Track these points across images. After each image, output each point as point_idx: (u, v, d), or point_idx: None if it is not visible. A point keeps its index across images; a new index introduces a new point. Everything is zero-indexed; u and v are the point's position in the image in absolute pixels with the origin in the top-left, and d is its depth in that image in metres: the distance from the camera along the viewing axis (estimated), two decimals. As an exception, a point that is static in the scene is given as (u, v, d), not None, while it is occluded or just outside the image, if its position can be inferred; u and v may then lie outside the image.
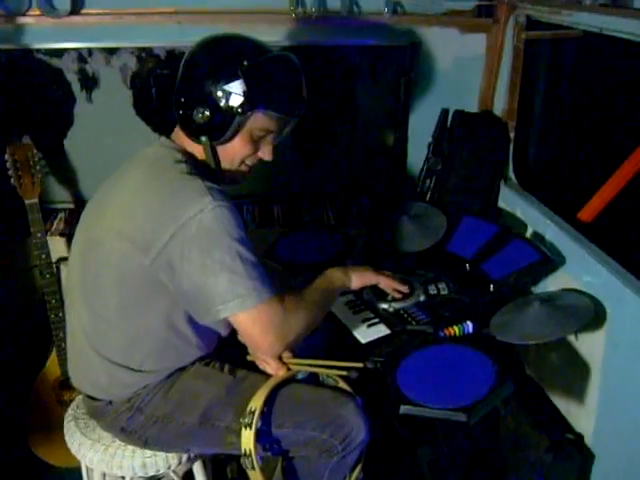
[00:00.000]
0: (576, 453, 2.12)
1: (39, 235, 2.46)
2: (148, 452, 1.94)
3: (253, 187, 2.94)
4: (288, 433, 1.84)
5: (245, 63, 1.69)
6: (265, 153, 1.84)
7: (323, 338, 2.18)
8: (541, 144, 2.93)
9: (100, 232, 1.75)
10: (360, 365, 1.88)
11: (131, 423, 1.87)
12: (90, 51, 2.64)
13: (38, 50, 2.59)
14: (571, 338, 2.18)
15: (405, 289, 2.11)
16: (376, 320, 2.08)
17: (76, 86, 2.71)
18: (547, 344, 2.15)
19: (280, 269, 2.33)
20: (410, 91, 2.79)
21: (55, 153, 2.79)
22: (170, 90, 1.82)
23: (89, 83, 2.71)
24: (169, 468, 1.97)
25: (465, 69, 2.75)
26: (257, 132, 1.77)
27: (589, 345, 2.13)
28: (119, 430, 1.90)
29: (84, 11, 2.46)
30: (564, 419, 2.27)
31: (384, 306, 2.12)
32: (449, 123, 2.80)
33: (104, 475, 2.01)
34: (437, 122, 2.79)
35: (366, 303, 2.16)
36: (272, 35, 2.56)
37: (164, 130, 1.92)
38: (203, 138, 1.76)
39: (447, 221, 2.47)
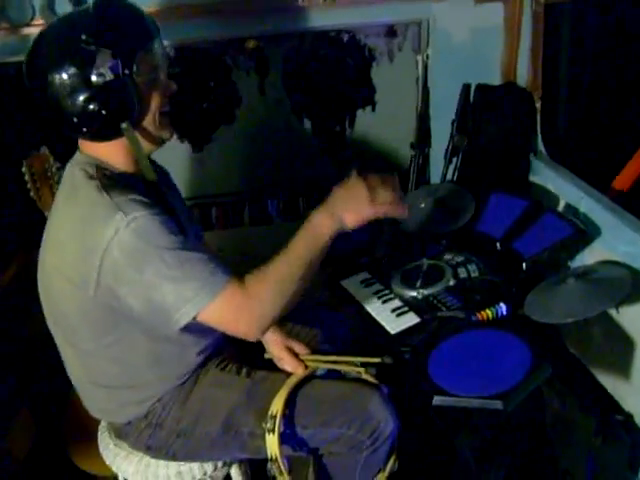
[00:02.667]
0: (626, 434, 2.04)
1: (61, 246, 2.44)
2: (182, 462, 1.91)
3: (276, 180, 2.92)
4: (314, 433, 1.79)
5: (84, 37, 1.49)
6: (168, 87, 1.65)
7: (349, 329, 2.13)
8: (570, 113, 2.85)
9: (46, 269, 1.68)
10: (377, 360, 1.83)
11: (154, 441, 1.84)
12: (98, 57, 2.61)
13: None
14: (612, 312, 2.10)
15: (397, 196, 1.68)
16: (405, 308, 2.03)
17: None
18: (588, 321, 2.08)
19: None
20: (428, 68, 2.72)
21: (73, 162, 2.77)
22: (186, 89, 1.70)
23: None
24: (205, 475, 1.93)
25: (483, 41, 2.65)
26: (148, 77, 1.58)
27: (632, 318, 2.05)
28: (145, 449, 1.88)
29: (88, 16, 2.42)
30: (611, 398, 2.19)
31: (413, 293, 2.07)
32: (472, 98, 2.71)
33: (141, 485, 1.98)
34: (459, 98, 2.71)
35: (395, 291, 2.10)
36: (281, 23, 2.51)
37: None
38: (123, 125, 1.56)
39: (475, 200, 2.39)
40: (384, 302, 2.09)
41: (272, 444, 1.72)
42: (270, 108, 2.81)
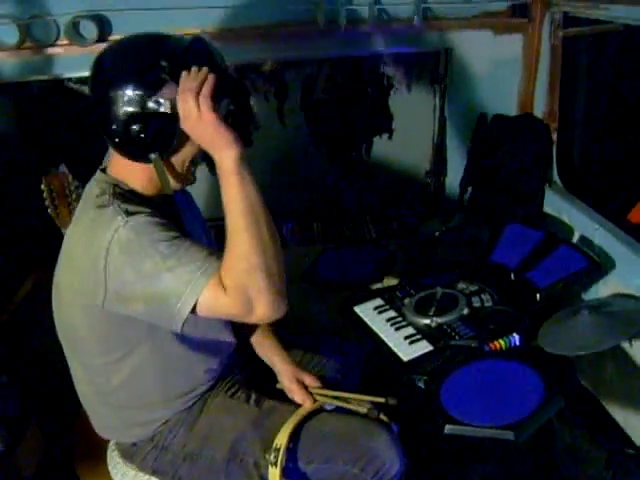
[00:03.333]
0: (637, 468, 2.02)
1: (78, 264, 2.46)
2: (190, 484, 1.90)
3: (291, 204, 2.94)
4: (318, 468, 1.76)
5: (163, 64, 1.52)
6: None
7: (362, 354, 2.12)
8: (586, 145, 2.85)
9: (59, 286, 1.68)
10: (382, 400, 1.79)
11: (160, 464, 1.83)
12: (120, 77, 2.65)
13: (69, 79, 2.61)
14: (626, 346, 2.09)
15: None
16: (418, 336, 2.03)
17: (109, 113, 2.72)
18: (601, 354, 2.06)
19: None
20: (446, 97, 2.73)
21: (92, 180, 2.80)
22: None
23: (121, 109, 2.72)
24: (211, 498, 1.92)
25: (502, 72, 2.68)
26: None
27: (645, 353, 2.04)
28: (152, 472, 1.86)
29: (111, 38, 2.45)
30: (623, 432, 2.18)
31: (426, 321, 2.07)
32: (488, 128, 2.72)
33: (148, 504, 1.98)
34: (476, 128, 2.72)
35: (408, 319, 2.10)
36: (301, 49, 2.54)
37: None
38: (152, 156, 1.59)
39: (490, 230, 2.40)
40: (397, 329, 2.08)
41: (274, 477, 1.70)
42: (288, 133, 2.83)
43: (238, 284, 1.45)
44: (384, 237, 2.78)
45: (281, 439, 1.72)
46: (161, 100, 1.52)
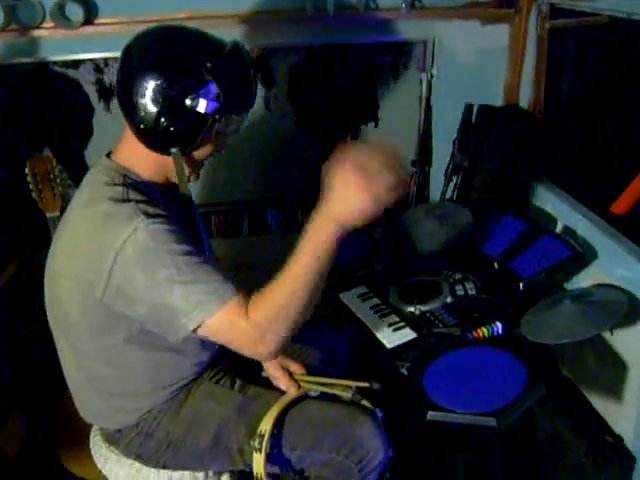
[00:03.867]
0: (615, 456, 2.05)
1: (61, 248, 2.45)
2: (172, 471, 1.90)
3: (276, 191, 2.93)
4: (302, 455, 1.77)
5: (208, 64, 1.54)
6: (222, 147, 1.71)
7: (347, 343, 2.14)
8: (571, 136, 2.86)
9: (54, 269, 1.67)
10: (366, 384, 1.80)
11: (144, 450, 1.83)
12: (106, 61, 2.65)
13: (54, 62, 2.60)
14: (607, 335, 2.12)
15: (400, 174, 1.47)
16: (402, 324, 2.04)
17: (94, 96, 2.73)
18: (582, 343, 2.08)
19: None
20: (432, 87, 2.74)
21: (76, 164, 2.79)
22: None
23: (106, 93, 2.72)
24: (196, 482, 1.93)
25: (488, 62, 2.68)
26: (223, 130, 1.65)
27: (626, 342, 2.07)
28: (135, 457, 1.86)
29: (97, 21, 2.45)
30: (603, 421, 2.20)
31: (410, 309, 2.08)
32: (474, 118, 2.73)
33: (130, 490, 1.98)
34: (462, 118, 2.74)
35: (392, 306, 2.11)
36: (288, 36, 2.55)
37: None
38: (174, 150, 1.61)
39: (474, 219, 2.41)
40: (381, 317, 2.09)
41: (258, 463, 1.70)
42: (274, 120, 2.82)
43: (264, 322, 1.48)
44: (368, 225, 2.77)
45: (266, 425, 1.72)
46: (200, 100, 1.54)
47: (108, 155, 1.70)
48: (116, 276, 1.51)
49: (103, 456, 1.97)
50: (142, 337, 1.67)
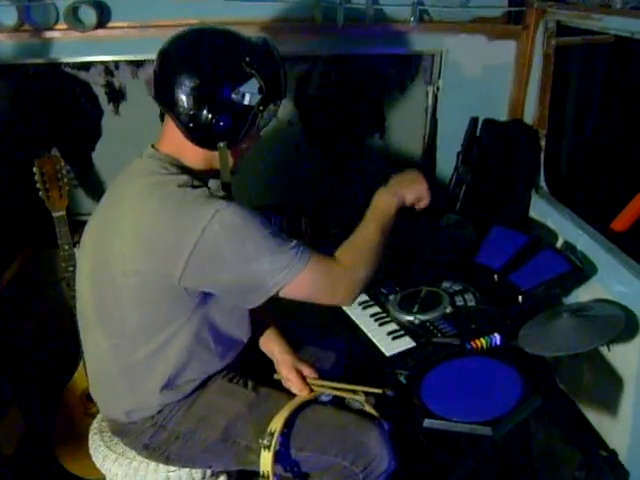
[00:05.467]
0: (609, 470, 2.06)
1: (67, 247, 2.48)
2: (172, 467, 1.92)
3: (281, 198, 2.95)
4: (308, 457, 1.80)
5: (247, 59, 1.65)
6: (259, 138, 1.84)
7: (346, 350, 2.15)
8: (573, 152, 2.88)
9: (109, 256, 1.70)
10: (379, 391, 1.85)
11: (154, 440, 1.86)
12: (117, 64, 2.68)
13: (66, 64, 2.64)
14: (604, 350, 2.12)
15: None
16: (401, 332, 2.05)
17: (103, 99, 2.76)
18: (579, 357, 2.10)
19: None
20: (438, 100, 2.77)
21: (83, 165, 2.82)
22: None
23: (116, 96, 2.75)
24: (193, 482, 1.94)
25: (494, 77, 2.71)
26: (264, 122, 1.77)
27: (622, 357, 2.08)
28: (142, 447, 1.88)
29: (110, 24, 2.48)
30: (597, 434, 2.21)
31: (409, 318, 2.09)
32: (478, 132, 2.76)
33: (128, 489, 1.99)
34: (466, 131, 2.76)
35: (392, 315, 2.12)
36: (297, 45, 2.57)
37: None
38: (221, 144, 1.71)
39: (476, 232, 2.43)
40: (381, 325, 2.10)
41: (266, 460, 1.73)
42: (281, 128, 2.84)
43: (353, 263, 1.78)
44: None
45: (276, 424, 1.76)
46: (244, 93, 1.65)
47: (153, 147, 1.78)
48: (198, 256, 1.59)
49: (102, 454, 1.98)
50: (186, 323, 1.73)
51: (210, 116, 1.65)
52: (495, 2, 2.64)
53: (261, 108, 1.69)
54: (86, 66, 2.68)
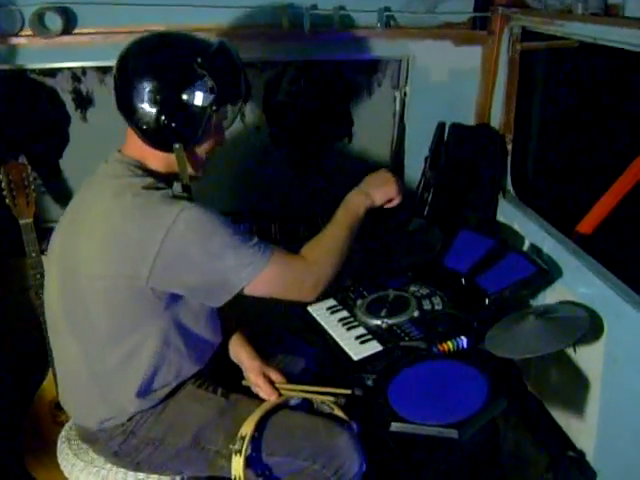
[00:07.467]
0: (577, 471, 2.08)
1: (34, 255, 2.46)
2: (141, 475, 1.91)
3: (250, 205, 2.95)
4: (280, 461, 1.80)
5: (199, 60, 1.65)
6: (222, 139, 1.84)
7: (314, 355, 2.16)
8: (539, 156, 2.91)
9: (76, 261, 1.70)
10: (348, 392, 1.86)
11: (124, 447, 1.84)
12: (84, 70, 2.66)
13: (32, 70, 2.61)
14: (570, 352, 2.15)
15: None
16: (369, 336, 2.05)
17: (71, 105, 2.73)
18: (546, 359, 2.12)
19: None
20: (405, 105, 2.78)
21: (50, 172, 2.80)
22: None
23: (83, 102, 2.72)
24: (161, 490, 1.93)
25: (461, 82, 2.73)
26: (221, 123, 1.78)
27: (588, 359, 2.10)
28: (111, 454, 1.87)
29: (76, 31, 2.46)
30: (565, 436, 2.23)
31: (377, 322, 2.09)
32: (446, 136, 2.77)
33: (96, 498, 1.98)
34: (433, 136, 2.77)
35: (359, 319, 2.13)
36: (264, 51, 2.57)
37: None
38: (176, 145, 1.71)
39: (443, 235, 2.44)
40: (349, 329, 2.10)
41: (237, 465, 1.73)
42: (248, 133, 2.84)
43: (316, 261, 1.80)
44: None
45: (247, 428, 1.76)
46: (196, 94, 1.66)
47: (119, 151, 1.78)
48: (165, 255, 1.60)
49: (70, 463, 1.97)
50: (155, 327, 1.74)
51: (163, 117, 1.66)
52: (461, 8, 2.66)
53: (214, 108, 1.69)
54: (53, 72, 2.65)
